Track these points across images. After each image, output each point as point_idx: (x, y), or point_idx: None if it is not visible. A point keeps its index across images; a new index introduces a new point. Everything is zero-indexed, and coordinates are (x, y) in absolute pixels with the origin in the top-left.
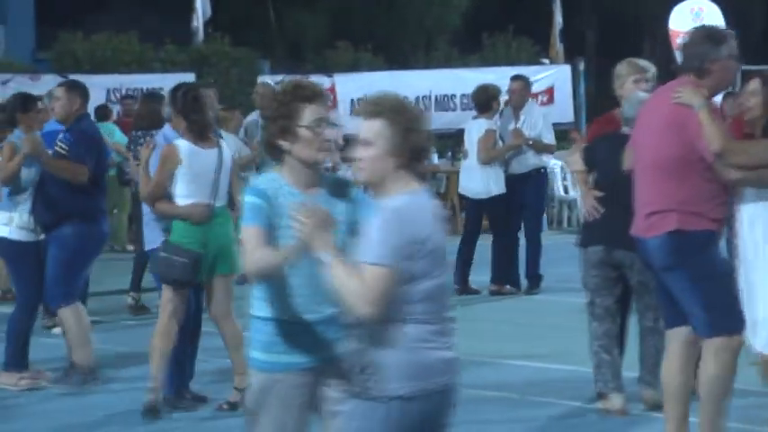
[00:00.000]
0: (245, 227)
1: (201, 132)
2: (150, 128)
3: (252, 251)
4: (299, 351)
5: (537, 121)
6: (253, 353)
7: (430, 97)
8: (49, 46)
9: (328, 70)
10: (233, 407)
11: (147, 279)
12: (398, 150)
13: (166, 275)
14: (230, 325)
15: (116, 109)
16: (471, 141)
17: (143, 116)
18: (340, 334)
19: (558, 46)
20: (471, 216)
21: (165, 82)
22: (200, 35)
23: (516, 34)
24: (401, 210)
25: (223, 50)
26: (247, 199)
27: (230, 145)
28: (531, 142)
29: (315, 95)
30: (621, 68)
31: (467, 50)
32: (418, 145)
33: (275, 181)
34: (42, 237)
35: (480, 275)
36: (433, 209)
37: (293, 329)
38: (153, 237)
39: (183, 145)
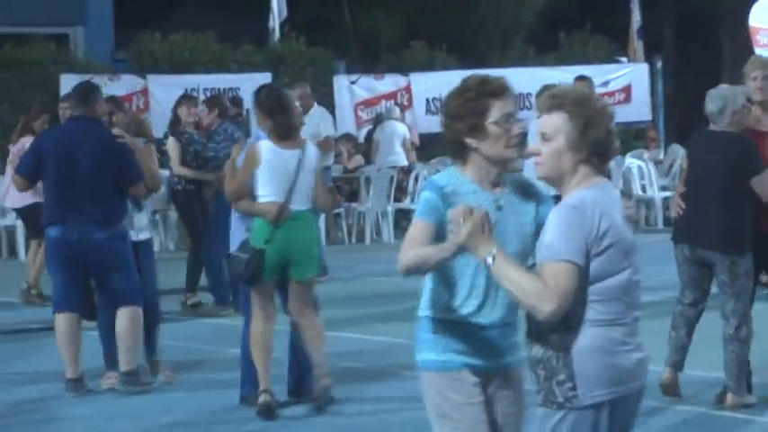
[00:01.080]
0: (414, 220)
1: (285, 133)
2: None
3: (409, 246)
4: (473, 353)
5: None
6: (424, 354)
7: None
8: (127, 46)
9: (403, 70)
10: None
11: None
12: (577, 145)
13: (233, 273)
14: (308, 321)
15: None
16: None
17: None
18: (516, 337)
19: (636, 44)
20: None
21: (241, 82)
22: (277, 35)
23: (593, 32)
24: (580, 205)
25: (299, 50)
26: (424, 194)
27: None
28: None
29: (501, 90)
30: (746, 66)
31: (543, 49)
32: (598, 140)
33: (456, 178)
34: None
35: None
36: (615, 203)
37: (468, 330)
38: (236, 238)
39: (264, 145)
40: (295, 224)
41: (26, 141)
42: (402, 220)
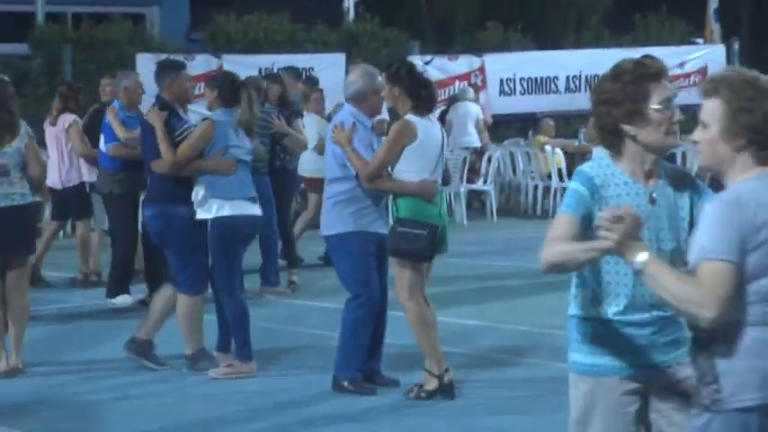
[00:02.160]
0: (559, 212)
1: (430, 108)
2: (280, 105)
3: (553, 240)
4: (626, 354)
5: None
6: (573, 355)
7: (580, 77)
8: (202, 26)
9: (478, 50)
10: (430, 395)
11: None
12: (730, 133)
13: (404, 249)
14: (412, 306)
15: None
16: None
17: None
18: (671, 338)
19: (713, 26)
20: None
21: (315, 62)
22: (351, 15)
23: (669, 14)
24: (734, 200)
25: (373, 31)
26: (572, 184)
27: (313, 125)
28: None
29: (660, 73)
30: None
31: (618, 30)
32: (755, 127)
33: (607, 168)
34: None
35: None
36: None
37: (619, 329)
38: (334, 222)
39: (415, 120)
40: (439, 199)
41: (67, 119)
42: (474, 201)
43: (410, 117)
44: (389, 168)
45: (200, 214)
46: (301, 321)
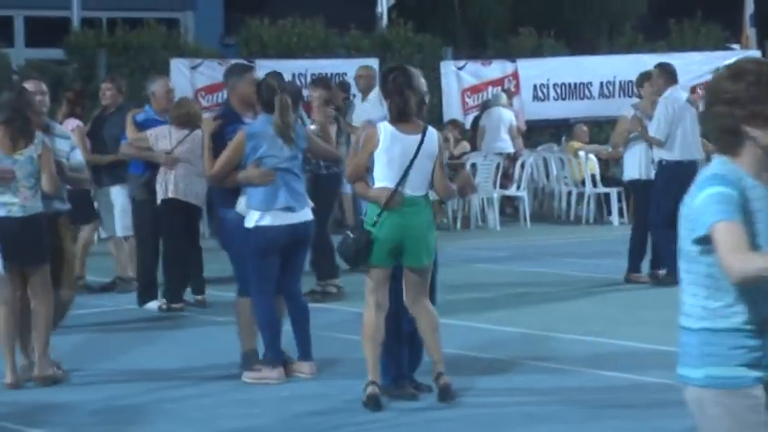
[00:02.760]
0: (718, 221)
1: (402, 117)
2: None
3: (737, 251)
4: (759, 363)
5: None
6: (708, 370)
7: (614, 83)
8: (236, 31)
9: (511, 56)
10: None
11: None
12: None
13: (341, 253)
14: (422, 310)
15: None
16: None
17: (330, 101)
18: None
19: (748, 31)
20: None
21: (348, 67)
22: (384, 21)
23: (704, 19)
24: None
25: (406, 36)
26: (717, 189)
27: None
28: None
29: None
30: None
31: (652, 36)
32: None
33: (735, 170)
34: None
35: None
36: None
37: (753, 337)
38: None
39: (384, 127)
40: (410, 210)
41: (71, 124)
42: (507, 206)
43: (381, 123)
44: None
45: (246, 223)
46: (336, 327)
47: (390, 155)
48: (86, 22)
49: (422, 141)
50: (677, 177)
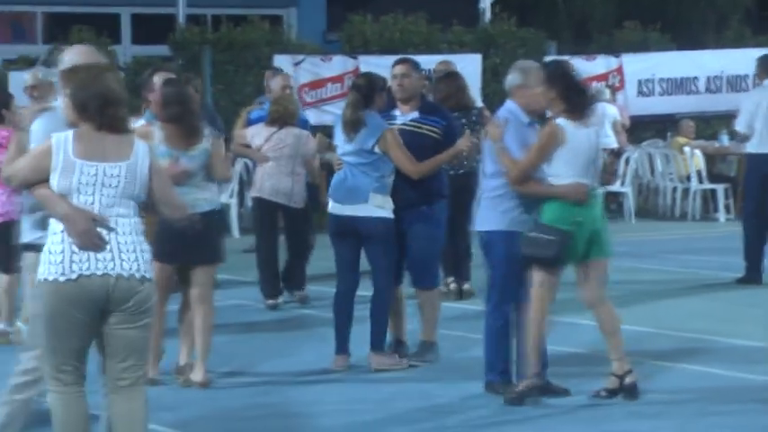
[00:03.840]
0: None
1: (583, 112)
2: (456, 108)
3: None
4: None
5: None
6: None
7: (721, 78)
8: (339, 28)
9: (615, 50)
10: (611, 393)
11: None
12: None
13: (533, 255)
14: (605, 310)
15: None
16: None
17: (449, 96)
18: None
19: None
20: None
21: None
22: (488, 16)
23: None
24: None
25: (509, 31)
26: None
27: None
28: None
29: None
30: None
31: (761, 30)
32: None
33: None
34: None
35: None
36: None
37: None
38: (489, 218)
39: (564, 124)
40: (594, 202)
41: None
42: (612, 202)
43: (559, 120)
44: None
45: None
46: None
47: (576, 150)
48: (191, 19)
49: (596, 134)
50: (757, 169)
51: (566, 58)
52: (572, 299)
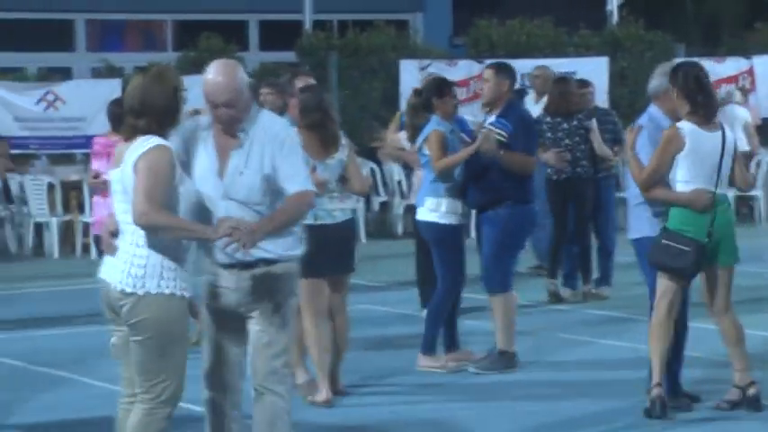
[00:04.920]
0: None
1: (707, 115)
2: (562, 113)
3: None
4: None
5: None
6: None
7: None
8: (465, 32)
9: (746, 52)
10: (734, 405)
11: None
12: None
13: (665, 264)
14: (729, 319)
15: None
16: None
17: (555, 101)
18: None
19: None
20: None
21: (578, 66)
22: (615, 18)
23: None
24: None
25: (637, 34)
26: None
27: None
28: None
29: None
30: None
31: None
32: None
33: None
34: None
35: None
36: None
37: None
38: (639, 225)
39: (686, 127)
40: (719, 209)
41: None
42: (743, 206)
43: (681, 124)
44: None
45: None
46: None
47: (700, 155)
48: (318, 25)
49: (724, 138)
50: None
51: (695, 60)
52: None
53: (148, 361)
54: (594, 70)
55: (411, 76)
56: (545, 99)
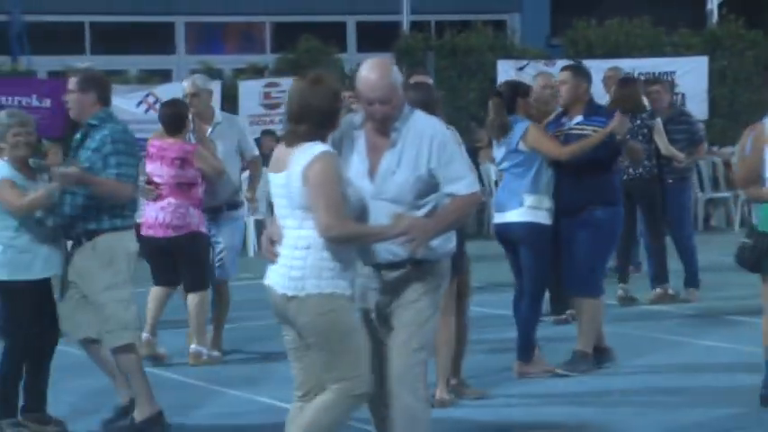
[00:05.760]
0: None
1: None
2: (632, 111)
3: None
4: None
5: None
6: None
7: None
8: (562, 32)
9: None
10: None
11: None
12: None
13: (739, 261)
14: None
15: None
16: None
17: (624, 99)
18: None
19: None
20: None
21: (676, 66)
22: (714, 17)
23: None
24: None
25: (737, 33)
26: None
27: None
28: None
29: None
30: None
31: None
32: None
33: None
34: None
35: None
36: None
37: None
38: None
39: None
40: None
41: None
42: None
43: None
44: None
45: None
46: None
47: None
48: (416, 26)
49: None
50: None
51: None
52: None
53: (325, 360)
54: (694, 70)
55: (508, 76)
56: None
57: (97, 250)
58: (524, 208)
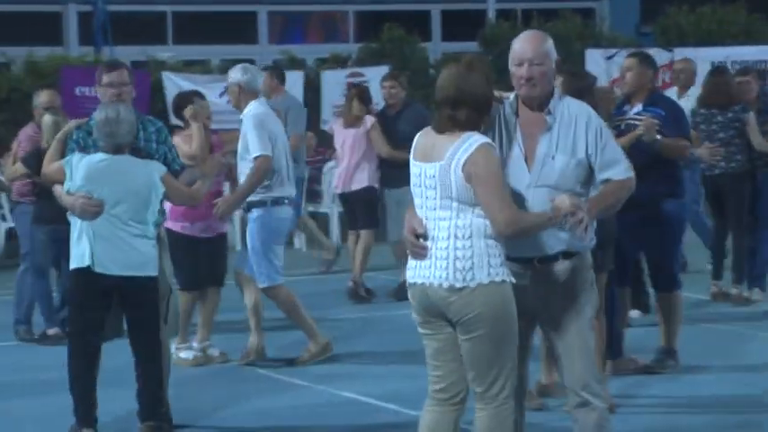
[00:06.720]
0: None
1: None
2: (718, 105)
3: None
4: None
5: None
6: None
7: None
8: (653, 20)
9: None
10: None
11: None
12: None
13: None
14: None
15: None
16: None
17: (710, 93)
18: None
19: None
20: None
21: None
22: None
23: None
24: None
25: None
26: None
27: None
28: None
29: None
30: None
31: None
32: None
33: None
34: None
35: None
36: None
37: None
38: None
39: None
40: None
41: (370, 120)
42: None
43: None
44: None
45: None
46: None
47: None
48: (502, 14)
49: None
50: None
51: None
52: None
53: (486, 356)
54: None
55: (597, 65)
56: (689, 93)
57: None
58: None
